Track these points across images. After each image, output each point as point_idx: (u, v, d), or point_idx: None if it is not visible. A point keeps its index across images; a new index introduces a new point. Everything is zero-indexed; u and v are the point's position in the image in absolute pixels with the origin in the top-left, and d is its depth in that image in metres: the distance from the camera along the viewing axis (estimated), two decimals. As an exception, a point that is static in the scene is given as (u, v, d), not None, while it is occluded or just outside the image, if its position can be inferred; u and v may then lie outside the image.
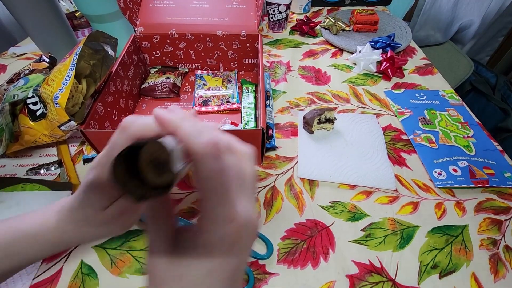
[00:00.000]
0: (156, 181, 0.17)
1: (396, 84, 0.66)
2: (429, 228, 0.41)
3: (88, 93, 0.44)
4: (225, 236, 0.18)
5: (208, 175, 0.17)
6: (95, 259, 0.37)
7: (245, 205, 0.19)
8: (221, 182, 0.17)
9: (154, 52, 0.63)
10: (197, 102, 0.59)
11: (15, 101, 0.47)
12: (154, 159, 0.17)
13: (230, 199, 0.18)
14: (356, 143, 0.52)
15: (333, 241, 0.40)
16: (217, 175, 0.17)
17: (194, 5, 0.60)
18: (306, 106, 0.60)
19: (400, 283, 0.36)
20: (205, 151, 0.17)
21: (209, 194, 0.17)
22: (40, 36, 0.65)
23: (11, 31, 0.94)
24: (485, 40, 1.20)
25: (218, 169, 0.17)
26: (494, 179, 0.46)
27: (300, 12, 0.93)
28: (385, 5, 0.98)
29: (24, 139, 0.47)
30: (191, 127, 0.18)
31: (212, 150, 0.17)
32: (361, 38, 0.80)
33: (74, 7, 0.82)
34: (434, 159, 0.49)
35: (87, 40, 0.44)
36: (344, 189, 0.46)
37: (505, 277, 0.36)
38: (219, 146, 0.18)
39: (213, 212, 0.18)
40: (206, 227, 0.18)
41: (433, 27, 1.12)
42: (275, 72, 0.69)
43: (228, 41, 0.61)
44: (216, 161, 0.17)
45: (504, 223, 0.42)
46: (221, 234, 0.18)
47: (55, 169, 0.47)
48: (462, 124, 0.55)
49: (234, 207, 0.18)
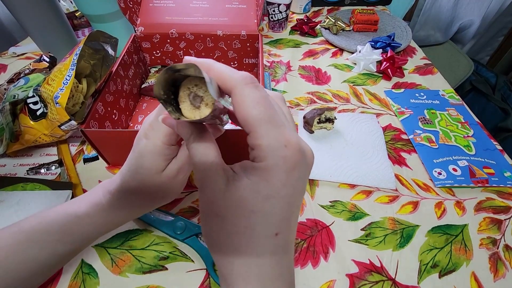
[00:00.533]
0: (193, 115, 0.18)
1: (396, 84, 0.66)
2: (429, 228, 0.41)
3: (89, 93, 0.44)
4: (282, 160, 0.17)
5: (253, 102, 0.17)
6: (95, 259, 0.37)
7: (295, 135, 0.18)
8: (268, 107, 0.17)
9: (154, 52, 0.63)
10: (197, 102, 0.59)
11: (16, 100, 0.47)
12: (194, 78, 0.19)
13: (280, 124, 0.18)
14: (356, 143, 0.52)
15: (333, 241, 0.40)
16: (262, 100, 0.17)
17: (194, 5, 0.60)
18: (306, 106, 0.60)
19: (400, 282, 0.36)
20: (245, 81, 0.17)
21: (259, 121, 0.17)
22: (40, 36, 0.65)
23: (11, 31, 0.94)
24: (485, 40, 1.20)
25: (261, 96, 0.17)
26: (494, 178, 0.46)
27: (300, 12, 0.93)
28: (385, 5, 0.98)
29: (25, 138, 0.47)
30: (223, 66, 0.18)
31: (250, 81, 0.17)
32: (361, 38, 0.80)
33: (74, 7, 0.82)
34: (434, 158, 0.49)
35: (87, 40, 0.44)
36: (344, 188, 0.46)
37: (505, 276, 0.37)
38: (254, 79, 0.18)
39: (266, 138, 0.17)
40: (260, 154, 0.17)
41: (433, 27, 1.12)
42: (275, 72, 0.69)
43: (228, 41, 0.61)
44: (257, 90, 0.17)
45: (504, 222, 0.42)
46: (278, 158, 0.17)
47: (55, 168, 0.47)
48: (462, 123, 0.55)
49: (285, 132, 0.17)
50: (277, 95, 0.22)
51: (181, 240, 0.39)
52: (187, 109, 0.19)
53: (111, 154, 0.46)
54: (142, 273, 0.36)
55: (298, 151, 0.18)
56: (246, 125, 0.18)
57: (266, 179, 0.17)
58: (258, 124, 0.17)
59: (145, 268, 0.37)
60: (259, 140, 0.17)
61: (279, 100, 0.22)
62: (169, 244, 0.39)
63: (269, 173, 0.17)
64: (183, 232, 0.39)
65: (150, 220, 0.40)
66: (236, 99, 0.17)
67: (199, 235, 0.39)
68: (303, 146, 0.18)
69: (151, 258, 0.38)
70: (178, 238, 0.39)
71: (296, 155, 0.17)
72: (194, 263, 0.37)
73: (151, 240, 0.39)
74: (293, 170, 0.18)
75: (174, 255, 0.38)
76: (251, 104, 0.17)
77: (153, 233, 0.40)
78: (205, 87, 0.18)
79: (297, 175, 0.18)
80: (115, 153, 0.46)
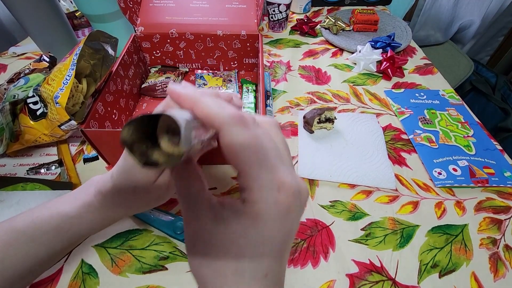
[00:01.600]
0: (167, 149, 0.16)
1: (396, 84, 0.66)
2: (429, 228, 0.41)
3: (89, 93, 0.44)
4: (275, 206, 0.16)
5: (242, 145, 0.16)
6: (95, 258, 0.37)
7: (290, 173, 0.17)
8: (258, 148, 0.16)
9: (154, 52, 0.63)
10: (197, 102, 0.59)
11: (16, 100, 0.47)
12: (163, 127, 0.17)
13: (272, 165, 0.16)
14: (356, 143, 0.52)
15: (333, 241, 0.40)
16: (252, 141, 0.16)
17: (194, 5, 0.60)
18: (306, 106, 0.60)
19: (400, 282, 0.36)
20: (233, 121, 0.16)
21: (249, 164, 0.16)
22: (40, 36, 0.65)
23: (11, 30, 0.94)
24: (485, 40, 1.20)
25: (252, 136, 0.16)
26: (494, 178, 0.46)
27: (300, 12, 0.93)
28: (385, 5, 0.98)
29: (25, 138, 0.47)
30: (212, 101, 0.16)
31: (239, 120, 0.16)
32: (361, 37, 0.80)
33: (74, 7, 0.82)
34: (434, 158, 0.49)
35: (87, 40, 0.44)
36: (344, 188, 0.46)
37: (505, 276, 0.37)
38: (244, 117, 0.16)
39: (258, 181, 0.16)
40: (251, 198, 0.16)
41: (433, 27, 1.12)
42: (275, 72, 0.69)
43: (228, 41, 0.61)
44: (247, 130, 0.16)
45: (504, 222, 0.42)
46: (270, 204, 0.16)
47: (55, 168, 0.47)
48: (462, 123, 0.55)
49: (279, 173, 0.16)
50: (270, 123, 0.21)
51: (181, 240, 0.39)
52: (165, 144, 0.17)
53: (111, 154, 0.46)
54: (142, 273, 0.36)
55: (292, 194, 0.16)
56: (235, 166, 0.17)
57: (256, 227, 0.16)
58: (248, 166, 0.16)
59: (145, 268, 0.37)
60: (249, 182, 0.16)
61: (272, 128, 0.20)
62: (169, 244, 0.39)
63: (260, 221, 0.16)
64: (183, 232, 0.39)
65: (150, 220, 0.40)
66: (223, 141, 0.16)
67: (199, 235, 0.39)
68: (297, 186, 0.17)
69: (151, 258, 0.38)
70: (178, 238, 0.39)
71: (289, 198, 0.16)
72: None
73: (151, 240, 0.39)
74: (286, 215, 0.17)
75: (174, 255, 0.38)
76: (239, 147, 0.16)
77: (153, 233, 0.40)
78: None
79: (291, 218, 0.17)
80: (115, 153, 0.46)
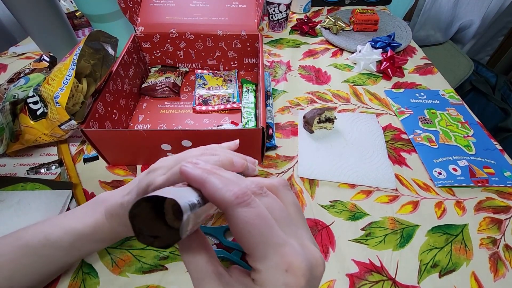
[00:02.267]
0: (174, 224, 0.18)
1: (396, 84, 0.66)
2: (429, 227, 0.41)
3: (89, 93, 0.44)
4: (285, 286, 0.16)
5: (245, 225, 0.16)
6: (95, 258, 0.37)
7: (300, 246, 0.17)
8: (263, 227, 0.16)
9: (154, 52, 0.63)
10: (198, 102, 0.59)
11: (16, 100, 0.47)
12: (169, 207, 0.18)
13: (279, 243, 0.16)
14: (356, 143, 0.52)
15: (333, 240, 0.40)
16: (255, 221, 0.16)
17: (194, 5, 0.60)
18: (306, 106, 0.60)
19: (400, 282, 0.36)
20: (236, 201, 0.16)
21: (254, 245, 0.16)
22: (41, 36, 0.65)
23: (11, 30, 0.94)
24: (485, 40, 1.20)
25: (254, 216, 0.16)
26: (494, 178, 0.46)
27: (300, 12, 0.93)
28: (385, 4, 0.98)
29: (25, 138, 0.47)
30: (217, 181, 0.17)
31: (242, 199, 0.16)
32: (361, 37, 0.80)
33: (74, 7, 0.82)
34: (434, 158, 0.49)
35: (88, 40, 0.44)
36: (344, 188, 0.46)
37: (505, 276, 0.37)
38: (247, 193, 0.17)
39: (265, 262, 0.16)
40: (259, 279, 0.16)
41: (433, 27, 1.12)
42: (275, 72, 0.69)
43: (228, 41, 0.61)
44: (249, 208, 0.16)
45: (504, 222, 0.42)
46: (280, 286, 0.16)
47: (55, 168, 0.47)
48: (462, 123, 0.55)
49: (286, 251, 0.16)
50: (279, 184, 0.21)
51: (181, 240, 0.39)
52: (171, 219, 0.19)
53: (111, 154, 0.47)
54: (142, 273, 0.36)
55: (301, 275, 0.16)
56: (242, 247, 0.17)
57: None
58: (254, 247, 0.16)
59: (145, 267, 0.37)
60: (257, 264, 0.16)
61: (282, 190, 0.20)
62: (169, 244, 0.39)
63: None
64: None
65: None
66: (229, 222, 0.17)
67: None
68: (308, 263, 0.17)
69: (151, 257, 0.38)
70: (178, 238, 0.39)
71: (299, 279, 0.16)
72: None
73: (151, 240, 0.39)
74: None
75: (174, 255, 0.38)
76: (244, 227, 0.16)
77: (153, 233, 0.40)
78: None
79: None
80: (115, 152, 0.46)
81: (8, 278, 0.27)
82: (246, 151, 0.46)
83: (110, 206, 0.28)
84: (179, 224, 0.16)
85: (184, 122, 0.56)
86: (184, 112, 0.58)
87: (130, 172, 0.48)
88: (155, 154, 0.46)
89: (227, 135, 0.42)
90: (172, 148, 0.44)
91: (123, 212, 0.27)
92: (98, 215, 0.29)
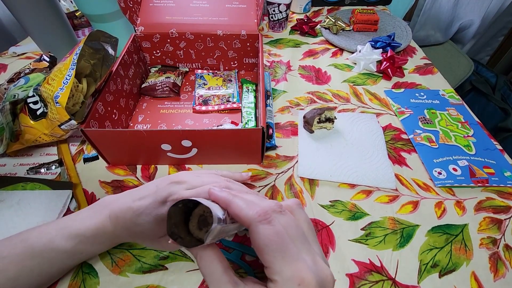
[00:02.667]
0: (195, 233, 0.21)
1: (396, 84, 0.66)
2: (429, 227, 0.41)
3: (89, 93, 0.44)
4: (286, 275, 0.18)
5: (265, 240, 0.19)
6: (95, 258, 0.37)
7: (312, 261, 0.19)
8: (280, 243, 0.19)
9: (154, 52, 0.63)
10: (197, 102, 0.59)
11: (16, 100, 0.47)
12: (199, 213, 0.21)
13: (294, 258, 0.19)
14: (356, 143, 0.52)
15: (333, 240, 0.40)
16: (275, 236, 0.19)
17: (194, 5, 0.61)
18: (306, 106, 0.60)
19: (400, 282, 0.36)
20: (258, 219, 0.19)
21: (272, 259, 0.19)
22: (41, 36, 0.65)
23: (11, 30, 0.94)
24: (485, 39, 1.20)
25: (274, 232, 0.19)
26: (494, 178, 0.46)
27: (300, 12, 0.93)
28: (385, 4, 0.98)
29: (25, 138, 0.47)
30: (241, 202, 0.21)
31: (264, 217, 0.19)
32: (361, 37, 0.80)
33: (74, 7, 0.82)
34: (434, 158, 0.49)
35: (88, 40, 0.44)
36: (344, 188, 0.46)
37: (505, 276, 0.37)
38: (268, 212, 0.20)
39: (281, 275, 0.18)
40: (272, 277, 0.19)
41: (433, 26, 1.12)
42: (275, 72, 0.69)
43: (228, 41, 0.61)
44: (270, 226, 0.19)
45: (504, 222, 0.42)
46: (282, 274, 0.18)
47: (55, 168, 0.47)
48: (462, 123, 0.55)
49: (299, 267, 0.18)
50: (293, 204, 0.23)
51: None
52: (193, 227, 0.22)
53: (111, 154, 0.47)
54: (142, 273, 0.36)
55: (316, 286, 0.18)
56: (262, 260, 0.19)
57: None
58: (272, 260, 0.18)
59: (145, 267, 0.37)
60: (274, 276, 0.19)
61: (296, 208, 0.23)
62: (169, 244, 0.39)
63: None
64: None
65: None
66: (251, 236, 0.19)
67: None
68: (319, 279, 0.18)
69: (151, 257, 0.38)
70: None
71: None
72: (194, 262, 0.37)
73: (151, 240, 0.39)
74: None
75: (174, 255, 0.38)
76: (264, 242, 0.19)
77: (153, 233, 0.40)
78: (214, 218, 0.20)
79: None
80: (115, 152, 0.46)
81: (13, 279, 0.28)
82: (246, 151, 0.46)
83: (117, 209, 0.29)
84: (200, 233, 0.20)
85: (184, 122, 0.56)
86: (184, 112, 0.58)
87: (130, 172, 0.48)
88: (155, 154, 0.46)
89: (227, 135, 0.42)
90: (172, 148, 0.44)
91: (129, 216, 0.28)
92: (102, 217, 0.30)
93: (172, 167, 0.49)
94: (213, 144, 0.44)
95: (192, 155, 0.46)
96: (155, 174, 0.48)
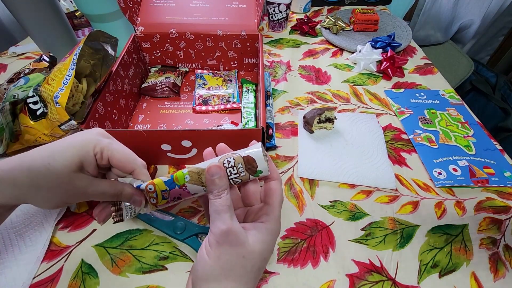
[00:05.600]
0: None
1: (396, 84, 0.66)
2: (429, 228, 0.41)
3: (89, 93, 0.44)
4: (277, 218, 0.28)
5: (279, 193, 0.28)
6: (95, 258, 0.37)
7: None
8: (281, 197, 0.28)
9: (154, 52, 0.63)
10: (197, 102, 0.59)
11: (16, 100, 0.47)
12: None
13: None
14: (356, 143, 0.52)
15: (333, 240, 0.40)
16: (281, 193, 0.29)
17: (194, 5, 0.60)
18: (306, 106, 0.60)
19: (400, 282, 0.36)
20: (280, 180, 0.29)
21: (275, 203, 0.27)
22: (40, 36, 0.65)
23: (11, 30, 0.94)
24: (485, 39, 1.19)
25: (281, 190, 0.29)
26: (494, 178, 0.46)
27: (300, 12, 0.93)
28: (385, 4, 0.98)
29: (25, 138, 0.47)
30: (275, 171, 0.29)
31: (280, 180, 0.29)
32: (361, 37, 0.80)
33: (74, 7, 0.82)
34: (434, 158, 0.49)
35: (87, 40, 0.44)
36: (344, 188, 0.46)
37: (504, 276, 0.37)
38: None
39: (275, 211, 0.27)
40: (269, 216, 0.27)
41: (433, 26, 1.12)
42: (275, 72, 0.69)
43: (228, 41, 0.61)
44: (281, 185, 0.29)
45: (504, 222, 0.42)
46: (276, 217, 0.27)
47: (55, 168, 0.47)
48: (462, 123, 0.55)
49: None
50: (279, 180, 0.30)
51: (181, 240, 0.39)
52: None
53: (111, 154, 0.46)
54: (142, 273, 0.36)
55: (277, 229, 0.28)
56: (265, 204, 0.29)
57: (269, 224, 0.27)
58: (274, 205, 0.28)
59: (145, 268, 0.37)
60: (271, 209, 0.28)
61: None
62: (169, 244, 0.39)
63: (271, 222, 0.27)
64: (183, 232, 0.39)
65: (150, 220, 0.40)
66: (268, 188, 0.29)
67: (199, 235, 0.39)
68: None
69: (151, 258, 0.38)
70: (178, 238, 0.39)
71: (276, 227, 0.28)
72: (194, 262, 0.37)
73: (151, 240, 0.39)
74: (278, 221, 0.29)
75: (174, 255, 0.38)
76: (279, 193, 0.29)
77: (153, 233, 0.40)
78: None
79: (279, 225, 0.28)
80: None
81: None
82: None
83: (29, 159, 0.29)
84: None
85: (184, 122, 0.56)
86: (184, 112, 0.58)
87: (130, 172, 0.48)
88: (155, 154, 0.46)
89: (227, 135, 0.42)
90: (172, 148, 0.44)
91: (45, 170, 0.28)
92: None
93: (172, 167, 0.49)
94: (213, 144, 0.44)
95: (192, 155, 0.46)
96: (155, 174, 0.48)
